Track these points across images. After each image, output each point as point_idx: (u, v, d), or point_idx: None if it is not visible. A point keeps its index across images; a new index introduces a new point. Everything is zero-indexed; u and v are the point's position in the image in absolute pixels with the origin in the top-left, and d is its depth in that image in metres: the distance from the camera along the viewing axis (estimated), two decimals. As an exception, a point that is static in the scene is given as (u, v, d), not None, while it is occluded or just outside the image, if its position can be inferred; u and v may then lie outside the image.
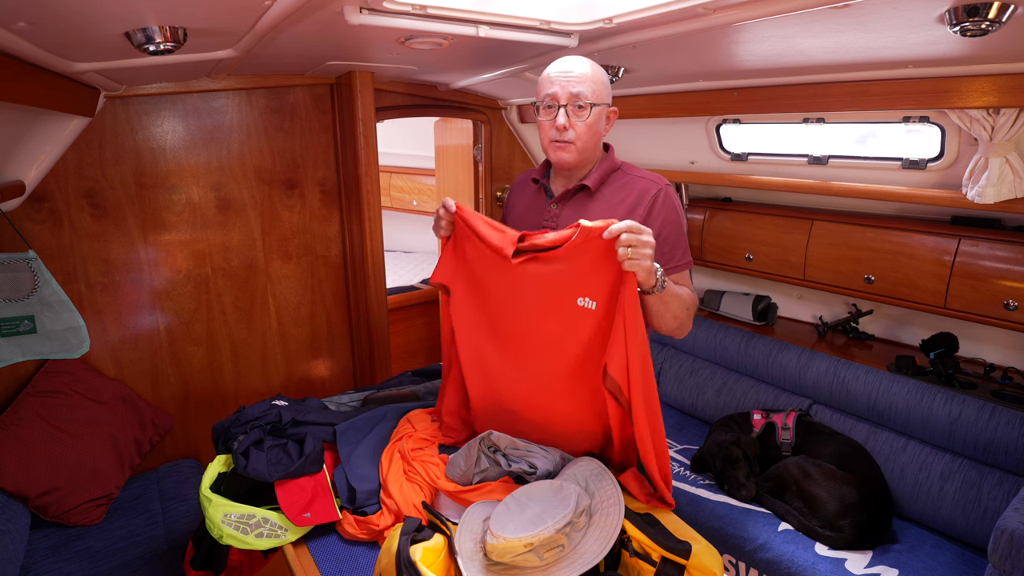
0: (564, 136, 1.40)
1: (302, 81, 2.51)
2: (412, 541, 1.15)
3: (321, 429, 1.61)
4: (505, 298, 1.39)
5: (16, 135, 1.85)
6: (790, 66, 1.77)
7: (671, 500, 1.29)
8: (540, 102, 1.43)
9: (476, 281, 1.45)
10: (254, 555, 1.60)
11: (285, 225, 2.66)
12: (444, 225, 1.45)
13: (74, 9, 1.10)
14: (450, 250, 1.48)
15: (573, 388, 1.36)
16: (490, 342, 1.46)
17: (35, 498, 1.91)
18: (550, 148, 1.45)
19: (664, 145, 2.84)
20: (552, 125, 1.40)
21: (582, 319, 1.29)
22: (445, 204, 1.43)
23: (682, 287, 1.38)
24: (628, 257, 1.15)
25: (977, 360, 2.30)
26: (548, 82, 1.40)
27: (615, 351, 1.24)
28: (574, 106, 1.38)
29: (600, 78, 1.42)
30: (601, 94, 1.41)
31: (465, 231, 1.43)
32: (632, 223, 1.16)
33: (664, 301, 1.29)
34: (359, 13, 1.34)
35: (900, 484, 2.14)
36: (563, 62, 1.41)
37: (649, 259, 1.17)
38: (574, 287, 1.29)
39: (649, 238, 1.17)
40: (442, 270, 1.50)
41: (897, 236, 2.26)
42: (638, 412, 1.25)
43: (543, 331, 1.35)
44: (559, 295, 1.31)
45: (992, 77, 1.54)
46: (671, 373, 3.02)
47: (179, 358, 2.52)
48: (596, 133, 1.44)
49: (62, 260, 2.21)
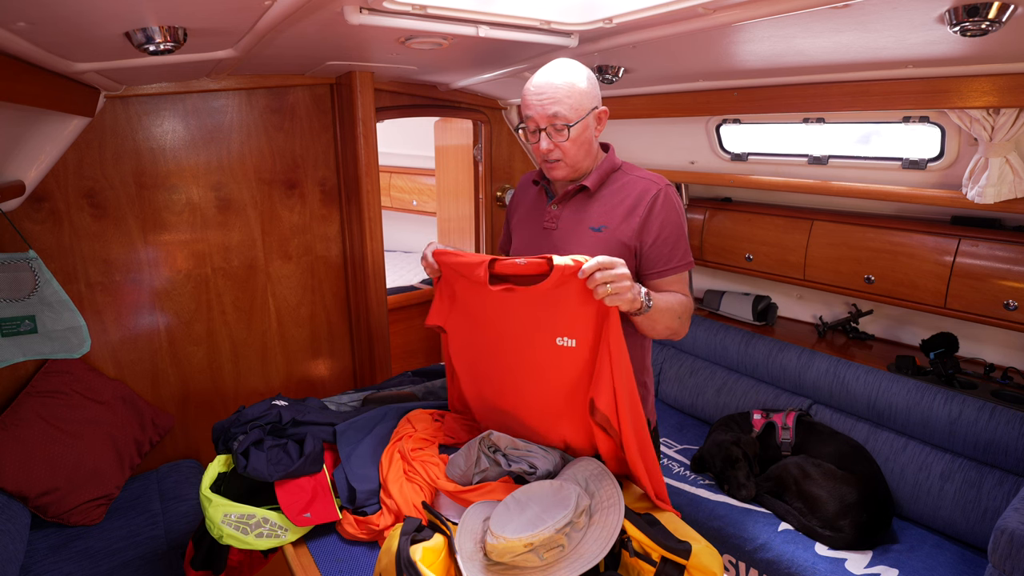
0: (551, 157, 1.41)
1: (302, 81, 2.51)
2: (412, 541, 1.15)
3: (321, 429, 1.61)
4: (493, 328, 1.42)
5: (16, 135, 1.85)
6: (790, 66, 1.77)
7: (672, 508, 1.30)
8: (524, 122, 1.42)
9: (469, 316, 1.48)
10: (254, 555, 1.60)
11: (285, 225, 2.66)
12: (428, 272, 1.51)
13: (74, 9, 1.10)
14: (440, 292, 1.53)
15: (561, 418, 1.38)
16: (484, 371, 1.50)
17: (35, 498, 1.91)
18: (543, 167, 1.47)
19: (664, 145, 2.84)
20: (537, 148, 1.40)
21: (563, 357, 1.30)
22: (424, 255, 1.48)
23: (675, 295, 1.38)
24: (608, 293, 1.15)
25: (977, 360, 2.30)
26: (526, 104, 1.39)
27: (602, 386, 1.24)
28: (553, 128, 1.37)
29: (577, 89, 1.36)
30: (582, 105, 1.36)
31: (448, 271, 1.47)
32: (602, 259, 1.16)
33: (653, 318, 1.29)
34: (359, 13, 1.34)
35: (900, 484, 2.14)
36: (540, 77, 1.37)
37: (628, 290, 1.17)
38: (552, 328, 1.29)
39: (623, 270, 1.16)
40: (436, 312, 1.54)
41: (897, 236, 2.26)
42: (628, 442, 1.26)
43: (527, 363, 1.38)
44: (539, 334, 1.32)
45: (992, 77, 1.54)
46: (671, 373, 3.02)
47: (179, 358, 2.52)
48: (585, 143, 1.41)
49: (62, 260, 2.21)
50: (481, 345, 1.47)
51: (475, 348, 1.50)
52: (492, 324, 1.41)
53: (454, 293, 1.50)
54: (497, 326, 1.40)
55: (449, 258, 1.44)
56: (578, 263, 1.18)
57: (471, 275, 1.38)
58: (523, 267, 1.29)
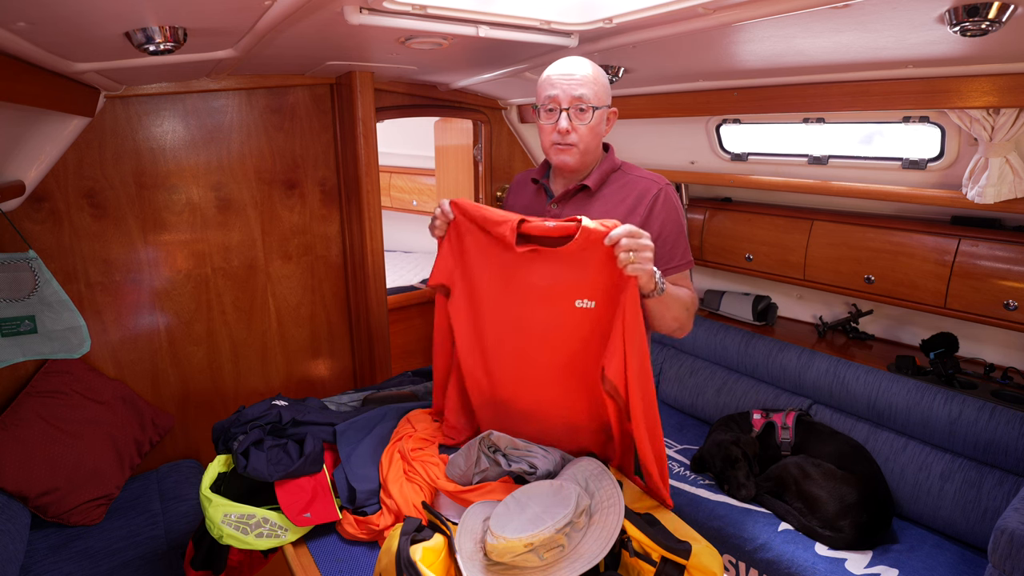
0: (566, 139, 1.40)
1: (302, 81, 2.51)
2: (412, 541, 1.15)
3: (321, 429, 1.61)
4: (506, 288, 1.39)
5: (16, 135, 1.85)
6: (790, 66, 1.77)
7: (669, 500, 1.30)
8: (541, 105, 1.42)
9: (476, 273, 1.44)
10: (254, 555, 1.60)
11: (285, 225, 2.66)
12: (440, 225, 1.44)
13: (74, 9, 1.10)
14: (447, 247, 1.46)
15: (569, 380, 1.37)
16: (489, 332, 1.45)
17: (35, 498, 1.91)
18: (552, 151, 1.44)
19: (664, 145, 2.84)
20: (554, 128, 1.39)
21: (580, 318, 1.30)
22: (441, 205, 1.43)
23: (682, 288, 1.39)
24: (630, 262, 1.16)
25: (977, 360, 2.30)
26: (549, 84, 1.40)
27: (613, 355, 1.24)
28: (576, 109, 1.38)
29: (601, 80, 1.41)
30: (602, 96, 1.41)
31: (464, 224, 1.42)
32: (631, 227, 1.17)
33: (664, 303, 1.29)
34: (359, 13, 1.34)
35: (900, 484, 2.14)
36: (564, 64, 1.40)
37: (650, 263, 1.18)
38: (573, 289, 1.29)
39: (648, 242, 1.17)
40: (440, 268, 1.48)
41: (897, 236, 2.26)
42: (636, 414, 1.26)
43: (542, 324, 1.36)
44: (558, 296, 1.31)
45: (992, 77, 1.54)
46: (671, 373, 3.02)
47: (179, 358, 2.52)
48: (598, 135, 1.44)
49: (62, 260, 2.21)
50: (491, 304, 1.43)
51: (482, 307, 1.44)
52: (508, 283, 1.38)
53: (463, 248, 1.44)
54: (514, 285, 1.37)
55: (473, 210, 1.39)
56: (607, 228, 1.19)
57: (495, 231, 1.35)
58: (552, 229, 1.28)
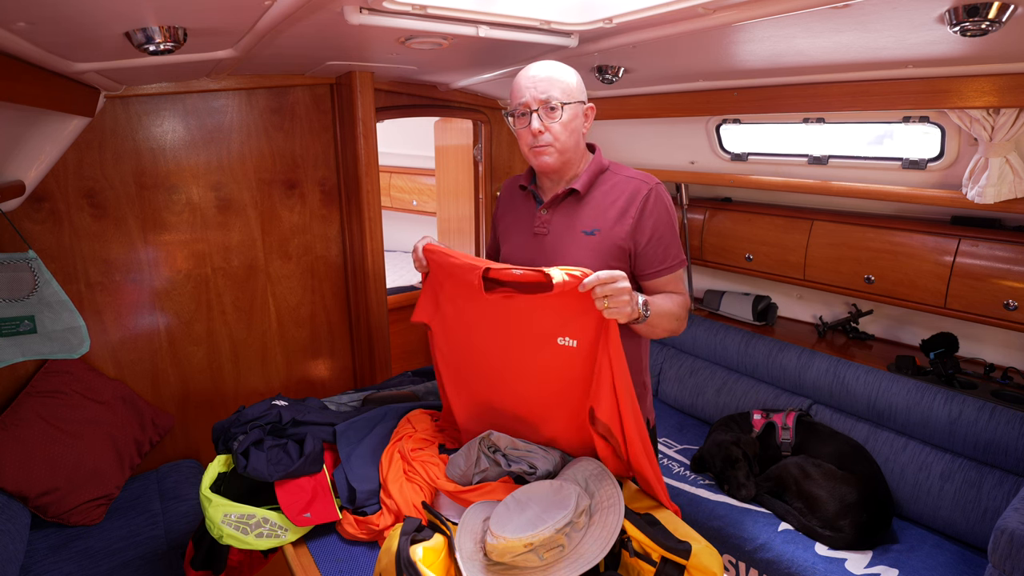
0: (540, 140, 1.39)
1: (302, 81, 2.51)
2: (412, 541, 1.15)
3: (321, 429, 1.61)
4: (485, 331, 1.40)
5: (16, 135, 1.85)
6: (790, 66, 1.77)
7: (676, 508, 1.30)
8: (514, 112, 1.42)
9: (456, 315, 1.46)
10: (254, 555, 1.60)
11: (285, 225, 2.66)
12: (417, 267, 1.50)
13: (74, 9, 1.10)
14: (427, 289, 1.51)
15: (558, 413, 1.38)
16: (473, 371, 1.48)
17: (35, 498, 1.91)
18: (531, 154, 1.44)
19: (664, 145, 2.84)
20: (528, 132, 1.40)
21: (564, 356, 1.30)
22: (416, 250, 1.47)
23: (671, 296, 1.39)
24: (607, 307, 1.16)
25: (977, 360, 2.30)
26: (518, 91, 1.41)
27: (603, 396, 1.23)
28: (546, 109, 1.37)
29: (569, 78, 1.40)
30: (573, 93, 1.40)
31: (437, 270, 1.45)
32: (602, 275, 1.15)
33: (652, 324, 1.29)
34: (359, 13, 1.34)
35: (900, 484, 2.14)
36: (530, 68, 1.41)
37: (627, 304, 1.17)
38: (554, 328, 1.29)
39: (624, 284, 1.16)
40: (422, 309, 1.53)
41: (897, 236, 2.26)
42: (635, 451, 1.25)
43: (524, 363, 1.36)
44: (539, 336, 1.31)
45: (992, 77, 1.54)
46: (671, 373, 3.02)
47: (179, 358, 2.52)
48: (574, 131, 1.42)
49: (62, 260, 2.21)
50: (471, 345, 1.45)
51: (464, 348, 1.48)
52: (485, 326, 1.39)
53: (441, 292, 1.47)
54: (491, 328, 1.38)
55: (440, 258, 1.42)
56: (575, 279, 1.18)
57: (463, 279, 1.36)
58: (520, 277, 1.28)
